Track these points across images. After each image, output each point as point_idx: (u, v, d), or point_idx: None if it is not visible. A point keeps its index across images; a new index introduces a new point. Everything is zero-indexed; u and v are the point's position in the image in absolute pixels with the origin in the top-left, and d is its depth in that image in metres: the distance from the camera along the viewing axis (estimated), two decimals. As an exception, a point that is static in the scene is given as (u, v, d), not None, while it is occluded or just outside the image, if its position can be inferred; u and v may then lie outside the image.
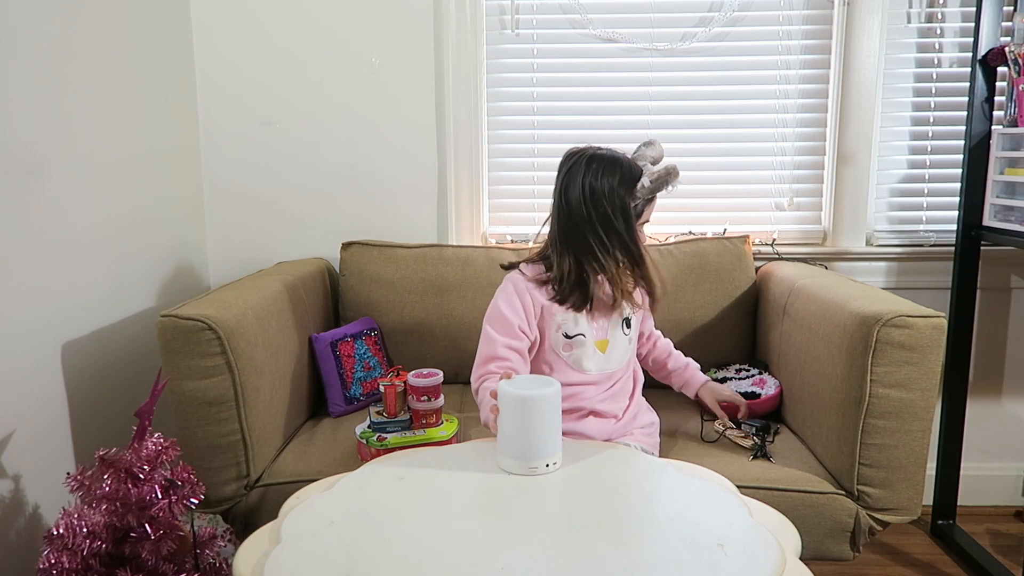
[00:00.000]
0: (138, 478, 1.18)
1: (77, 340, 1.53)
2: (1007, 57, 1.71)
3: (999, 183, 1.76)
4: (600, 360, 1.43)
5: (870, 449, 1.38)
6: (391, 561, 0.90)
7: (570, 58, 2.04)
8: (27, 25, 1.39)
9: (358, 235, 2.00)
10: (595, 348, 1.44)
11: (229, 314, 1.42)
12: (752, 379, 1.72)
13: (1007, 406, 2.10)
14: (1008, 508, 2.11)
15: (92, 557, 1.16)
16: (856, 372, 1.37)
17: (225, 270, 2.11)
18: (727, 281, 1.87)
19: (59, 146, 1.48)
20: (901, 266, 2.04)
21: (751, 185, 2.07)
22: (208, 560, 1.28)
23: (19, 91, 1.37)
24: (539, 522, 0.99)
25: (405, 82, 2.04)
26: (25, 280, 1.39)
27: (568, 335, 1.42)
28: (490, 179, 2.10)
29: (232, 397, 1.40)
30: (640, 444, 1.44)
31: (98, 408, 1.59)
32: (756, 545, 0.93)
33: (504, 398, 1.12)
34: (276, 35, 2.02)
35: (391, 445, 1.41)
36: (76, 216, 1.54)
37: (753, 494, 1.20)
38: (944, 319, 1.36)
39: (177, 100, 1.97)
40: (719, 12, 1.98)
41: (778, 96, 2.03)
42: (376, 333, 1.87)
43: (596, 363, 1.43)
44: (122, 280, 1.70)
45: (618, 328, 1.44)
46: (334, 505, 1.05)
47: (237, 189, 2.09)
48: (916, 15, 1.98)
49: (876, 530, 1.41)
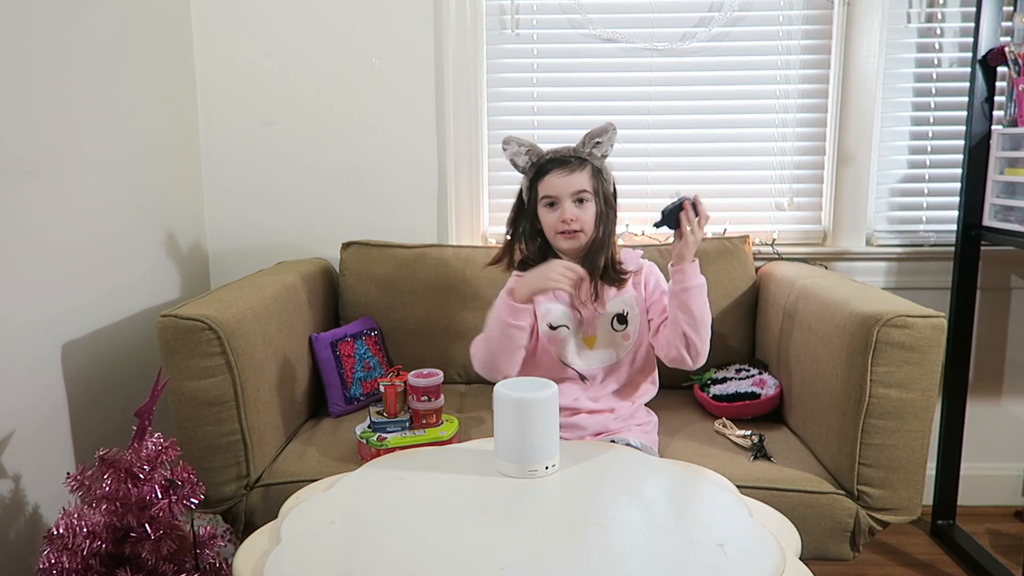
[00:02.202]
0: (138, 478, 1.18)
1: (77, 340, 1.53)
2: (1007, 57, 1.71)
3: (999, 183, 1.76)
4: (587, 356, 1.44)
5: (870, 449, 1.38)
6: (391, 561, 0.90)
7: (570, 58, 2.04)
8: (27, 25, 1.39)
9: (358, 235, 2.00)
10: (582, 344, 1.45)
11: (229, 314, 1.42)
12: (752, 379, 1.72)
13: (1007, 406, 2.10)
14: (1008, 508, 2.11)
15: (92, 557, 1.16)
16: (856, 372, 1.37)
17: (225, 270, 2.11)
18: (727, 281, 1.87)
19: (59, 146, 1.48)
20: (901, 266, 2.04)
21: (751, 185, 2.07)
22: (208, 560, 1.28)
23: (20, 91, 1.37)
24: (539, 522, 0.99)
25: (405, 82, 2.04)
26: (25, 280, 1.39)
27: (552, 325, 1.44)
28: (490, 179, 2.10)
29: (232, 397, 1.40)
30: (639, 440, 1.43)
31: (98, 408, 1.59)
32: (756, 545, 0.93)
33: (501, 401, 1.12)
34: (276, 35, 2.02)
35: (391, 445, 1.41)
36: (76, 216, 1.54)
37: (753, 494, 1.20)
38: (944, 319, 1.36)
39: (177, 100, 1.97)
40: (719, 12, 1.98)
41: (778, 96, 2.03)
42: (376, 333, 1.87)
43: (583, 359, 1.44)
44: (122, 280, 1.70)
45: (607, 323, 1.44)
46: (334, 505, 1.05)
47: (237, 189, 2.09)
48: (916, 15, 1.98)
49: (876, 530, 1.41)
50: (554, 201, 1.45)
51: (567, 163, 1.45)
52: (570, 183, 1.44)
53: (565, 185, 1.44)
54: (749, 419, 1.66)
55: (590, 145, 1.46)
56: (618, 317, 1.45)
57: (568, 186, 1.44)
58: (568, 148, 1.48)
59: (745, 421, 1.65)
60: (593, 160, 1.47)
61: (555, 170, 1.45)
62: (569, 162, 1.45)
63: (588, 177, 1.45)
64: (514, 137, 1.50)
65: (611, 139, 1.47)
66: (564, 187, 1.44)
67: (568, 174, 1.44)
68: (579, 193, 1.44)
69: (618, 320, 1.45)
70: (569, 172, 1.44)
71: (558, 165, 1.45)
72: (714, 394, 1.70)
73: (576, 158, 1.46)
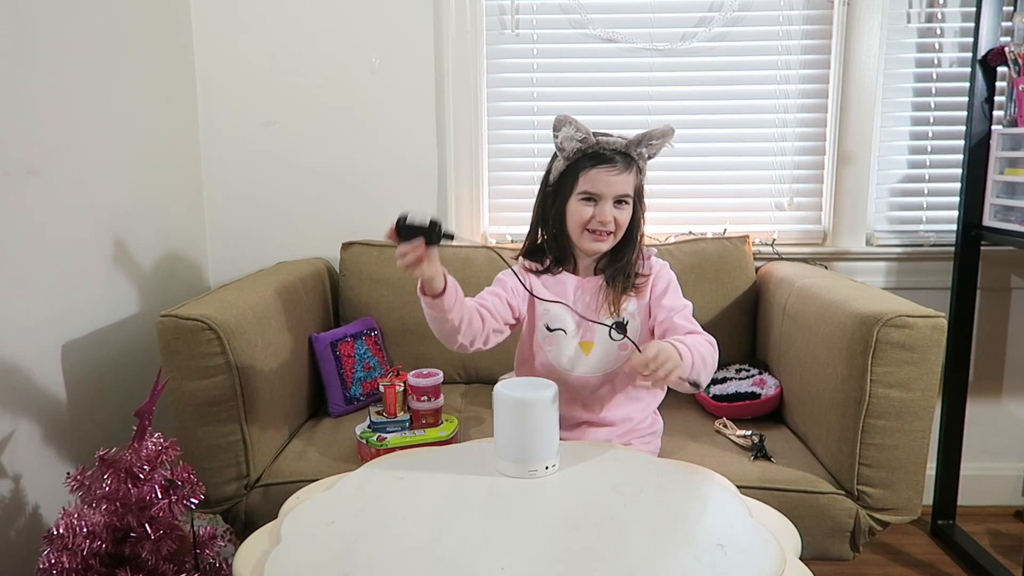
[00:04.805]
0: (138, 478, 1.18)
1: (77, 340, 1.53)
2: (1007, 57, 1.71)
3: (999, 183, 1.76)
4: (582, 361, 1.39)
5: (870, 449, 1.38)
6: (391, 561, 0.90)
7: (570, 58, 2.04)
8: (28, 25, 1.39)
9: (358, 235, 2.00)
10: (578, 348, 1.40)
11: (229, 314, 1.42)
12: (752, 379, 1.72)
13: (1007, 406, 2.10)
14: (1008, 508, 2.11)
15: (92, 557, 1.16)
16: (856, 372, 1.37)
17: (225, 270, 2.11)
18: (727, 281, 1.87)
19: (59, 146, 1.48)
20: (901, 266, 2.04)
21: (751, 185, 2.07)
22: (208, 560, 1.28)
23: (20, 92, 1.37)
24: (539, 522, 0.99)
25: (405, 82, 2.04)
26: (25, 280, 1.39)
27: (550, 327, 1.40)
28: (490, 179, 2.10)
29: (232, 397, 1.40)
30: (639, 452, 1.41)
31: (98, 408, 1.59)
32: (756, 545, 0.93)
33: (501, 401, 1.12)
34: (276, 35, 2.02)
35: (391, 445, 1.41)
36: (76, 216, 1.54)
37: (753, 494, 1.20)
38: (944, 319, 1.36)
39: (177, 100, 1.97)
40: (719, 12, 1.98)
41: (778, 96, 2.03)
42: (376, 333, 1.87)
43: (576, 363, 1.40)
44: (122, 280, 1.70)
45: (605, 331, 1.38)
46: (334, 505, 1.05)
47: (237, 189, 2.09)
48: (916, 15, 1.98)
49: (876, 530, 1.41)
50: (593, 197, 1.34)
51: (616, 161, 1.33)
52: (617, 184, 1.33)
53: (611, 185, 1.33)
54: (749, 419, 1.67)
55: (644, 144, 1.35)
56: (617, 325, 1.38)
57: (614, 186, 1.33)
58: (619, 142, 1.35)
59: (745, 421, 1.65)
60: (640, 160, 1.37)
61: (603, 166, 1.33)
62: (617, 161, 1.33)
63: (633, 179, 1.35)
64: (573, 120, 1.34)
65: (665, 144, 1.36)
66: (610, 187, 1.33)
67: (617, 174, 1.33)
68: (623, 196, 1.34)
69: (617, 329, 1.38)
70: (618, 172, 1.33)
71: (607, 162, 1.33)
72: (714, 394, 1.70)
73: (626, 156, 1.34)
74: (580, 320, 1.39)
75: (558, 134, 1.35)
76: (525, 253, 1.46)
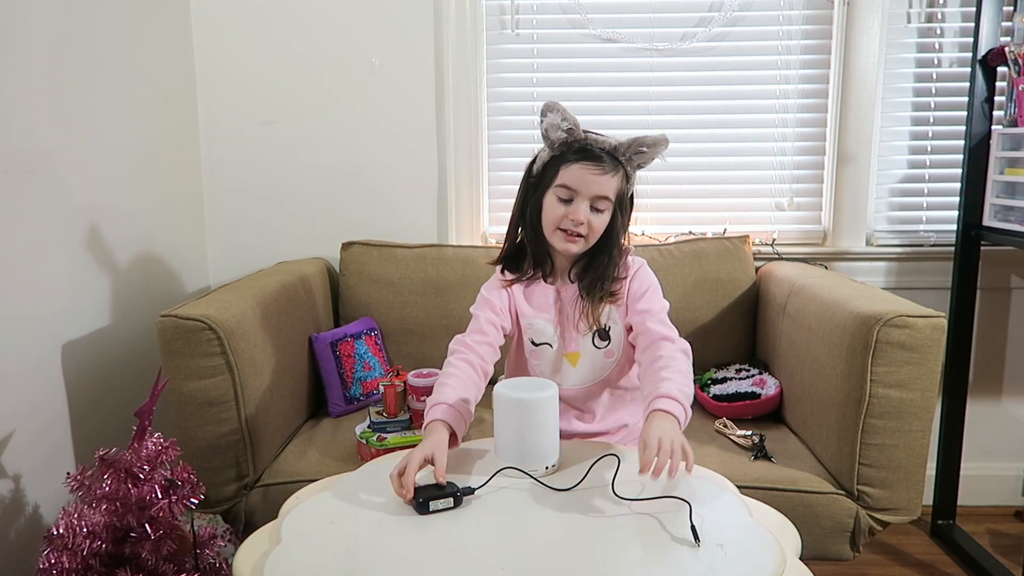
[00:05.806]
0: (138, 478, 1.18)
1: (77, 340, 1.53)
2: (1007, 57, 1.71)
3: (999, 183, 1.76)
4: (570, 373, 1.35)
5: (870, 449, 1.38)
6: (391, 561, 0.90)
7: (570, 58, 2.04)
8: (28, 25, 1.39)
9: (358, 235, 2.00)
10: (565, 361, 1.35)
11: (229, 314, 1.42)
12: (752, 379, 1.72)
13: (1007, 406, 2.10)
14: (1008, 508, 2.11)
15: (92, 557, 1.16)
16: (856, 372, 1.37)
17: (225, 270, 2.11)
18: (727, 281, 1.87)
19: (59, 146, 1.48)
20: (901, 266, 2.04)
21: (751, 185, 2.07)
22: (208, 560, 1.28)
23: (20, 91, 1.37)
24: (539, 522, 0.99)
25: (405, 82, 2.04)
26: (25, 280, 1.39)
27: (535, 342, 1.36)
28: (490, 179, 2.10)
29: (232, 397, 1.40)
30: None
31: (98, 408, 1.59)
32: (756, 545, 0.93)
33: (501, 401, 1.12)
34: (276, 35, 2.02)
35: (391, 445, 1.41)
36: (76, 216, 1.54)
37: (753, 494, 1.20)
38: (944, 319, 1.36)
39: (177, 100, 1.97)
40: (719, 12, 1.98)
41: (778, 96, 2.03)
42: (376, 333, 1.87)
43: (565, 376, 1.35)
44: (122, 280, 1.70)
45: (589, 339, 1.34)
46: (334, 505, 1.05)
47: (237, 189, 2.09)
48: (916, 15, 1.98)
49: (876, 530, 1.41)
50: (571, 194, 1.27)
51: (602, 160, 1.26)
52: (596, 184, 1.25)
53: (589, 184, 1.25)
54: (749, 419, 1.67)
55: (633, 151, 1.27)
56: (599, 333, 1.32)
57: (592, 186, 1.25)
58: (608, 142, 1.27)
59: (745, 421, 1.65)
60: (629, 166, 1.29)
61: (587, 162, 1.25)
62: (604, 160, 1.26)
63: (616, 183, 1.27)
64: (561, 107, 1.26)
65: (656, 154, 1.28)
66: (587, 185, 1.25)
67: (600, 173, 1.25)
68: (600, 199, 1.26)
69: (599, 336, 1.33)
70: (601, 172, 1.25)
71: (592, 159, 1.25)
72: (714, 394, 1.71)
73: (613, 158, 1.27)
74: (563, 333, 1.35)
75: (543, 120, 1.28)
76: (503, 260, 1.39)
